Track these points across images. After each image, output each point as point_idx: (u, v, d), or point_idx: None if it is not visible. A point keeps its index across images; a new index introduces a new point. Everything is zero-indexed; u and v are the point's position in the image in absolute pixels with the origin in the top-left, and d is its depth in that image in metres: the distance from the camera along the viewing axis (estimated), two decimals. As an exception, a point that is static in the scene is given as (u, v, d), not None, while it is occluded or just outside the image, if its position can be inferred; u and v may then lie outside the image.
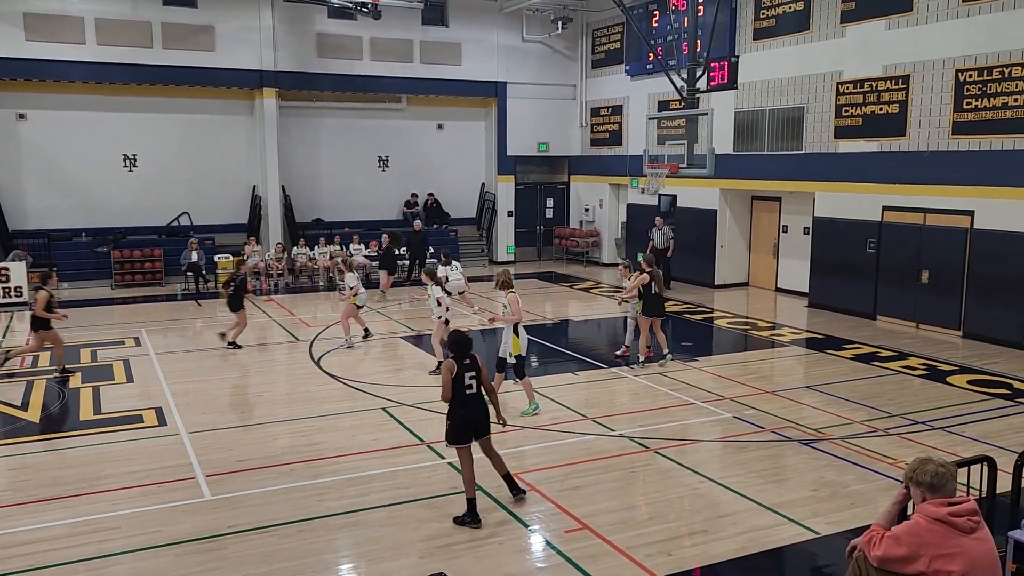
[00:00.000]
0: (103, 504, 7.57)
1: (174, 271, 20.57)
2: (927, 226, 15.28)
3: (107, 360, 13.12)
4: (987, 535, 4.19)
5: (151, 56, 20.63)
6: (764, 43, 18.65)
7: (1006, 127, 13.81)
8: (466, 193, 25.65)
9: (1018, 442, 8.91)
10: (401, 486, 8.03)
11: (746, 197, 20.46)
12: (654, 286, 12.45)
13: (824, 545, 6.79)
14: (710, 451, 9.13)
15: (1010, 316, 13.86)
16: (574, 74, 25.65)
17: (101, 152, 21.16)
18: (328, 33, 22.49)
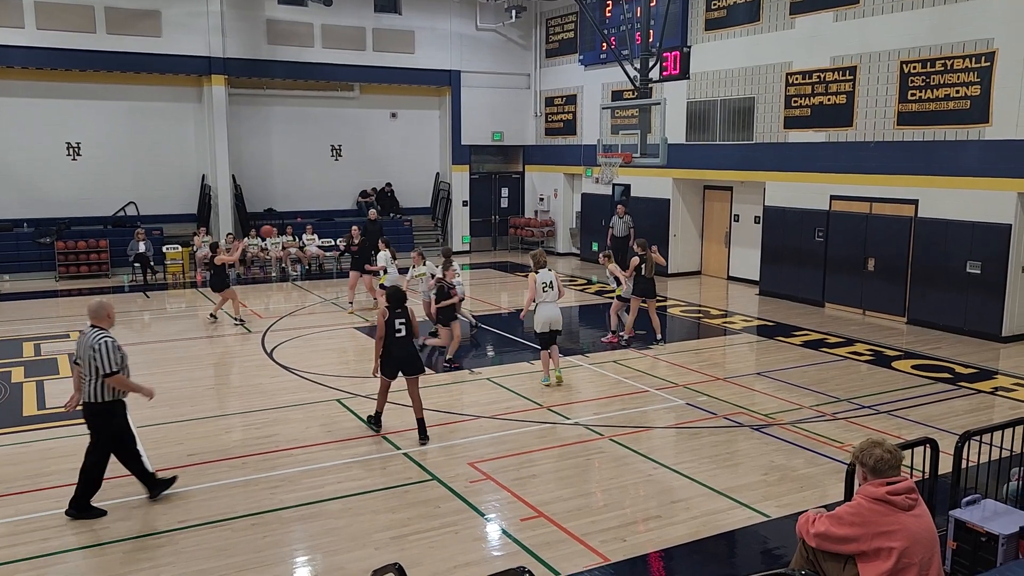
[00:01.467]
0: (47, 501, 7.39)
1: (121, 262, 20.11)
2: (873, 215, 15.63)
3: (51, 353, 12.78)
4: (925, 511, 4.32)
5: (94, 41, 20.05)
6: (715, 34, 18.84)
7: (948, 118, 14.16)
8: (420, 183, 25.51)
9: (959, 425, 9.18)
10: (356, 477, 7.99)
11: (698, 187, 20.69)
12: (644, 268, 13.11)
13: (774, 528, 6.93)
14: (664, 438, 9.24)
15: (952, 303, 14.26)
16: (528, 63, 25.62)
17: (43, 140, 20.55)
18: (278, 19, 22.12)
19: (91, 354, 6.90)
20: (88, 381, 6.96)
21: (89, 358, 6.91)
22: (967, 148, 13.90)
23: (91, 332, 7.04)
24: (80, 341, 7.08)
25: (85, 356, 6.94)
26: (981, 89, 13.59)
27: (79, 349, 7.05)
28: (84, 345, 6.99)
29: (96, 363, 6.89)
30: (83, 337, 7.05)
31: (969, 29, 13.73)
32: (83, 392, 7.03)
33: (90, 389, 6.98)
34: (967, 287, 14.00)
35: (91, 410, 7.08)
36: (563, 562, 6.31)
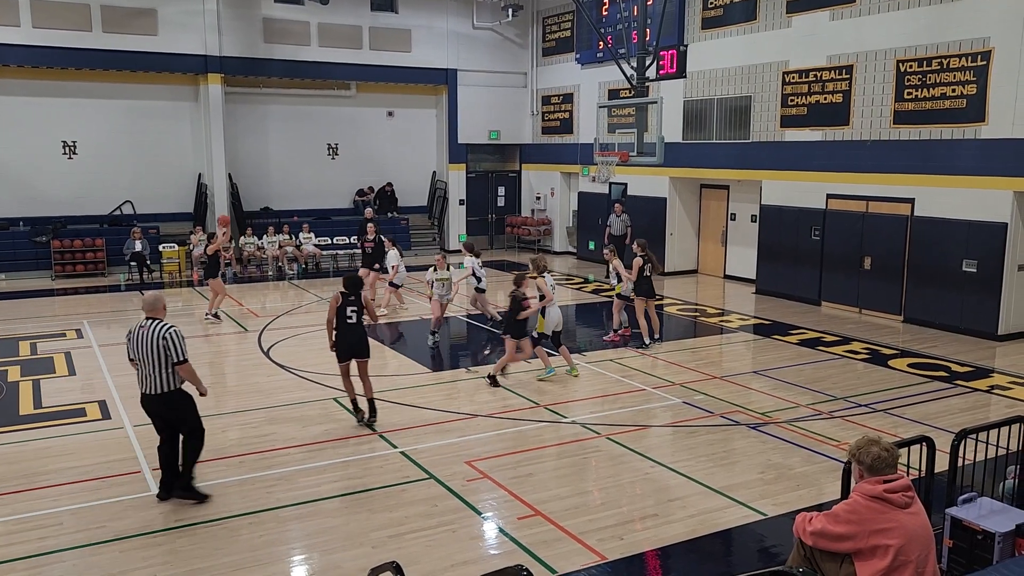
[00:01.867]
0: (43, 501, 7.37)
1: (117, 261, 20.07)
2: (869, 214, 15.65)
3: (48, 353, 12.76)
4: (920, 509, 4.33)
5: (90, 40, 20.01)
6: (712, 32, 18.85)
7: (944, 116, 14.18)
8: (417, 181, 25.49)
9: (955, 423, 9.21)
10: (353, 476, 7.98)
11: (695, 185, 20.70)
12: (647, 268, 13.16)
13: (771, 526, 6.94)
14: (661, 436, 9.24)
15: (948, 301, 14.29)
16: (525, 62, 25.61)
17: (39, 139, 20.49)
18: (274, 18, 22.08)
19: (162, 344, 7.01)
20: (157, 372, 7.05)
21: (160, 348, 7.01)
22: (963, 147, 13.92)
23: (153, 324, 7.11)
24: (137, 336, 7.10)
25: (151, 347, 7.00)
26: (977, 88, 13.61)
27: (137, 344, 7.07)
28: (148, 337, 7.04)
29: (169, 351, 7.04)
30: (141, 331, 7.09)
31: (965, 28, 13.75)
32: (148, 385, 7.10)
33: (161, 379, 7.08)
34: (963, 286, 14.02)
35: (167, 400, 7.17)
36: (560, 560, 6.31)
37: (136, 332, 7.16)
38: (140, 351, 7.08)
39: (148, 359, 7.05)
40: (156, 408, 7.23)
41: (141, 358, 7.09)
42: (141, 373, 7.14)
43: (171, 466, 7.36)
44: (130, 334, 7.21)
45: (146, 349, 7.04)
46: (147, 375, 7.09)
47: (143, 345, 7.06)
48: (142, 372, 7.13)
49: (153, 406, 7.22)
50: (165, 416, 7.28)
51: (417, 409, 10.04)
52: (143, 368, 7.10)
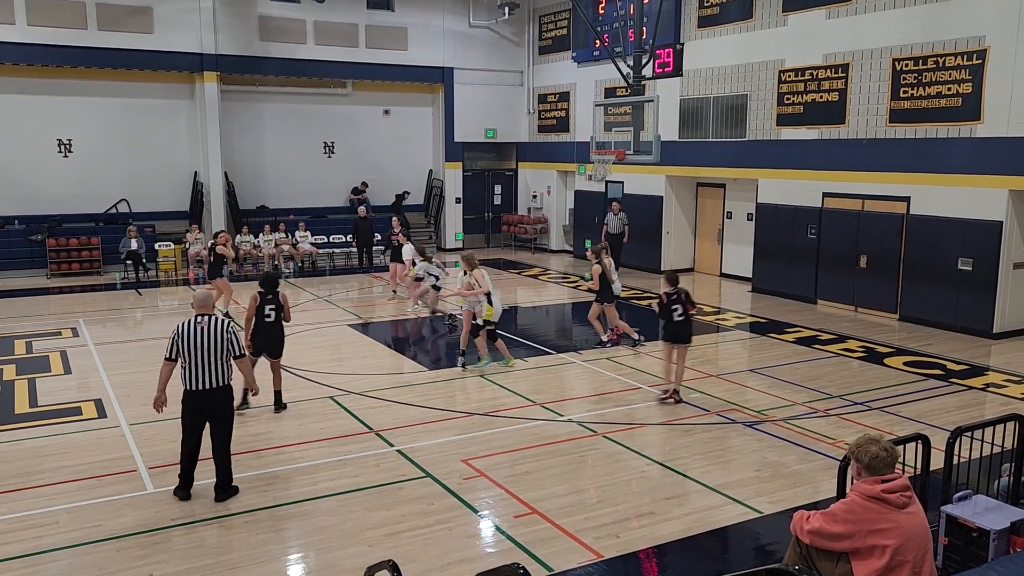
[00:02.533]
0: (39, 499, 7.36)
1: (112, 259, 20.01)
2: (865, 212, 15.67)
3: (43, 351, 12.73)
4: (919, 509, 4.34)
5: (85, 38, 19.95)
6: (708, 31, 18.86)
7: (940, 115, 14.21)
8: (413, 180, 25.45)
9: (951, 421, 9.23)
10: (350, 475, 7.98)
11: (691, 184, 20.72)
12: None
13: (767, 524, 6.95)
14: (657, 434, 9.26)
15: (944, 299, 14.32)
16: (521, 60, 25.60)
17: (34, 137, 20.43)
18: (271, 16, 22.04)
19: (227, 338, 7.16)
20: (215, 366, 7.12)
21: (225, 342, 7.14)
22: (959, 145, 13.96)
23: (210, 319, 7.18)
24: (193, 331, 7.11)
25: (214, 341, 7.09)
26: (973, 87, 13.64)
27: (192, 338, 7.08)
28: (209, 332, 7.11)
29: (232, 346, 7.20)
30: (197, 326, 7.12)
31: (961, 27, 13.77)
32: (203, 380, 7.10)
33: (218, 374, 7.16)
34: (958, 284, 14.06)
35: (221, 394, 7.24)
36: (557, 558, 6.32)
37: (191, 328, 7.13)
38: (196, 345, 7.07)
39: (207, 353, 7.08)
40: (208, 404, 7.20)
41: (197, 353, 7.07)
42: (193, 369, 7.10)
43: (195, 464, 7.37)
44: (180, 330, 7.14)
45: (205, 343, 7.07)
46: (203, 370, 7.09)
47: (201, 339, 7.07)
48: (195, 367, 7.09)
49: (205, 401, 7.18)
50: (214, 411, 7.25)
51: (413, 407, 10.04)
52: (198, 363, 7.08)
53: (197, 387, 7.13)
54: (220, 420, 7.32)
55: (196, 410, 7.23)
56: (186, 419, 7.29)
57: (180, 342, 7.13)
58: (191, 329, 7.15)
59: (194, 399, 7.20)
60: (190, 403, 7.23)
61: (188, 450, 7.32)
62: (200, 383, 7.12)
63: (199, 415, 7.24)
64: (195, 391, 7.15)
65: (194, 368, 7.11)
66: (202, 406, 7.21)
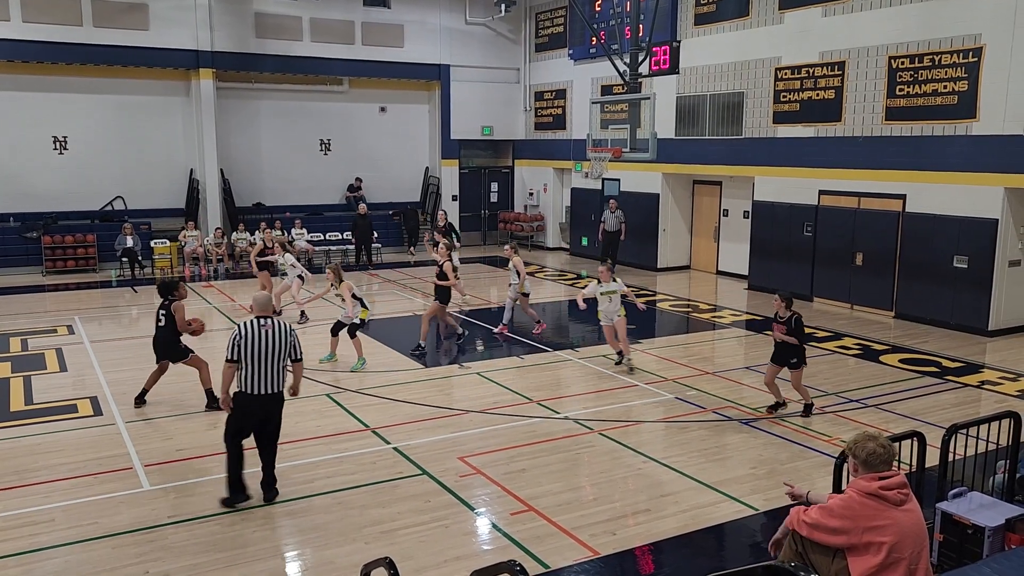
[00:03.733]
0: (35, 497, 7.35)
1: (108, 257, 19.98)
2: (861, 210, 15.69)
3: (39, 349, 12.70)
4: (915, 506, 4.35)
5: (81, 35, 19.88)
6: (705, 28, 18.85)
7: (936, 113, 14.23)
8: (410, 177, 25.44)
9: (946, 418, 9.25)
10: (346, 472, 7.98)
11: (688, 181, 20.73)
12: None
13: (762, 521, 6.97)
14: (653, 432, 9.27)
15: (939, 297, 14.35)
16: (518, 58, 25.58)
17: (29, 134, 20.37)
18: (267, 13, 21.99)
19: (290, 341, 7.03)
20: (277, 370, 6.95)
21: (288, 345, 7.02)
22: (954, 143, 13.98)
23: (275, 322, 7.02)
24: (258, 334, 6.88)
25: (279, 345, 6.93)
26: (968, 84, 13.66)
27: (257, 342, 6.86)
28: (274, 335, 6.93)
29: (294, 348, 7.11)
30: (262, 330, 6.91)
31: (957, 25, 13.79)
32: (265, 384, 6.90)
33: (279, 377, 7.00)
34: (954, 281, 14.08)
35: (279, 399, 7.10)
36: (553, 556, 6.32)
37: (255, 331, 6.90)
38: (262, 349, 6.85)
39: (271, 357, 6.88)
40: (267, 408, 7.02)
41: (261, 356, 6.85)
42: (254, 372, 6.87)
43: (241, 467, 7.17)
44: (244, 334, 6.88)
45: (271, 347, 6.88)
46: (265, 374, 6.88)
47: (267, 343, 6.88)
48: (256, 371, 6.87)
49: (266, 406, 6.99)
50: (271, 416, 7.10)
51: (410, 405, 10.04)
52: (260, 367, 6.87)
53: (256, 391, 6.90)
54: (274, 424, 7.17)
55: (250, 415, 7.02)
56: (237, 423, 7.05)
57: (243, 344, 6.84)
58: (255, 331, 6.88)
59: (251, 403, 6.96)
60: (246, 407, 6.99)
61: (237, 453, 7.09)
62: (260, 387, 6.89)
63: (252, 419, 7.05)
64: (253, 395, 6.91)
65: (255, 372, 6.86)
66: (258, 411, 7.00)
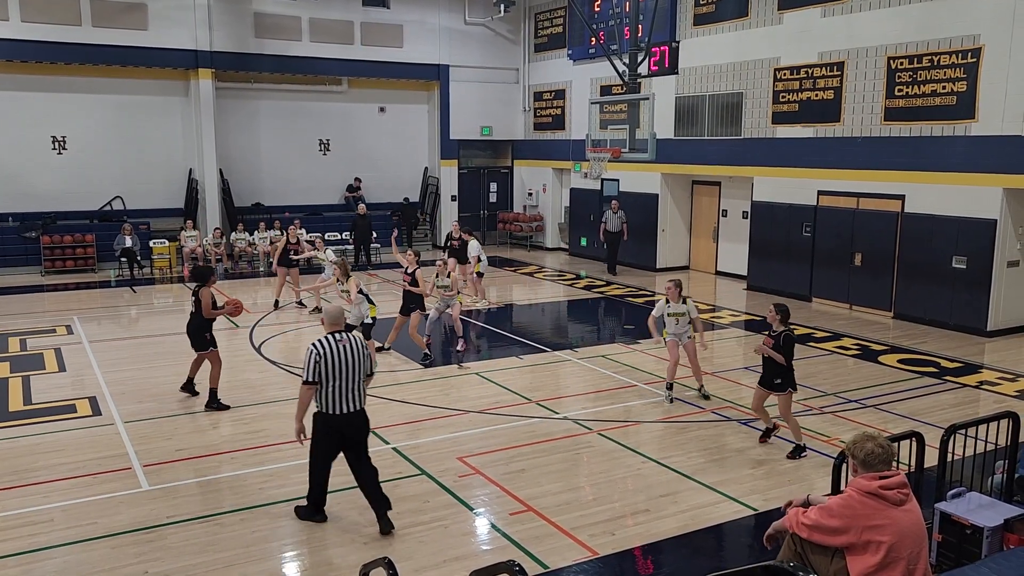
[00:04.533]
0: (34, 497, 7.35)
1: (107, 257, 19.98)
2: (860, 210, 15.70)
3: (37, 349, 12.70)
4: (915, 506, 4.35)
5: (80, 34, 19.88)
6: (704, 29, 18.86)
7: (935, 113, 14.24)
8: (409, 177, 25.45)
9: (945, 418, 9.26)
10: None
11: (687, 182, 20.74)
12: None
13: (762, 521, 6.96)
14: (652, 432, 9.27)
15: (938, 297, 14.36)
16: (517, 58, 25.58)
17: (28, 134, 20.36)
18: (266, 13, 21.99)
19: (367, 355, 6.69)
20: (359, 386, 6.61)
21: (366, 360, 6.67)
22: (953, 144, 13.99)
23: (349, 337, 6.63)
24: (338, 351, 6.51)
25: (358, 361, 6.57)
26: (967, 85, 13.67)
27: (338, 359, 6.49)
28: (352, 351, 6.56)
29: (370, 363, 6.77)
30: (340, 346, 6.54)
31: (955, 25, 13.80)
32: (350, 402, 6.54)
33: (362, 394, 6.66)
34: (953, 282, 14.09)
35: (365, 415, 6.74)
36: (552, 556, 6.33)
37: (334, 348, 6.51)
38: (343, 366, 6.49)
39: (353, 374, 6.54)
40: (355, 426, 6.65)
41: (342, 374, 6.49)
42: (335, 391, 6.50)
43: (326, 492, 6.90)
44: (324, 352, 6.48)
45: (350, 363, 6.52)
46: (348, 391, 6.53)
47: (346, 360, 6.51)
48: (338, 390, 6.50)
49: (353, 423, 6.62)
50: (358, 435, 6.71)
51: (409, 405, 10.05)
52: (342, 385, 6.50)
53: (339, 411, 6.52)
54: (362, 444, 6.77)
55: (336, 436, 6.62)
56: (323, 446, 6.68)
57: (324, 363, 6.45)
58: (335, 348, 6.51)
59: (336, 424, 6.56)
60: (330, 429, 6.59)
61: (323, 480, 6.79)
62: (343, 406, 6.51)
63: (338, 441, 6.66)
64: (336, 415, 6.52)
65: (337, 391, 6.49)
66: (343, 431, 6.61)
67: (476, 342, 13.43)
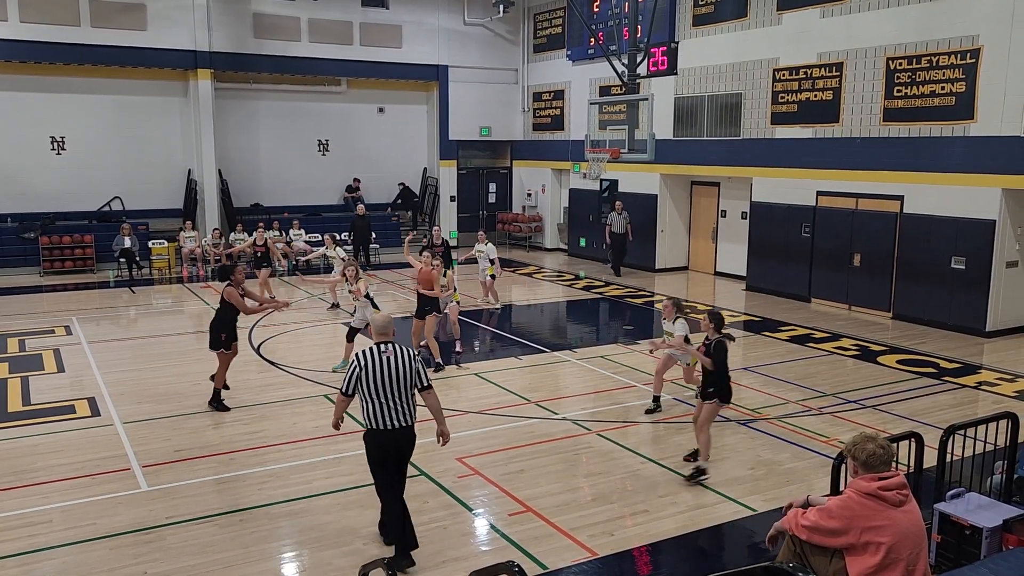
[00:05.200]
0: (33, 498, 7.34)
1: (106, 257, 19.96)
2: (859, 211, 15.71)
3: (36, 349, 12.69)
4: (914, 507, 4.35)
5: (79, 35, 19.87)
6: (703, 29, 18.87)
7: (934, 114, 14.25)
8: (408, 177, 25.44)
9: (944, 419, 9.26)
10: (344, 473, 7.97)
11: (686, 182, 20.74)
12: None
13: (761, 522, 6.95)
14: (650, 432, 9.27)
15: (937, 298, 14.36)
16: (516, 58, 25.58)
17: (27, 135, 20.36)
18: (265, 13, 21.98)
19: (415, 368, 6.18)
20: (406, 401, 6.16)
21: (413, 373, 6.16)
22: (952, 144, 14.00)
23: (397, 348, 6.20)
24: (382, 363, 6.08)
25: (405, 373, 6.12)
26: (966, 86, 13.68)
27: (382, 372, 6.07)
28: (399, 363, 6.12)
29: (420, 376, 6.23)
30: (384, 357, 6.11)
31: (954, 26, 13.81)
32: (396, 417, 6.11)
33: (410, 409, 6.20)
34: (952, 282, 14.10)
35: (413, 432, 6.29)
36: (551, 556, 6.33)
37: (377, 359, 6.11)
38: (388, 379, 6.08)
39: (399, 388, 6.11)
40: (402, 444, 6.23)
41: (385, 388, 6.07)
42: (379, 406, 6.09)
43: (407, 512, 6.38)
44: (364, 364, 6.09)
45: (397, 376, 6.09)
46: (394, 406, 6.11)
47: (393, 372, 6.09)
48: (382, 404, 6.09)
49: (400, 442, 6.21)
50: (404, 454, 6.31)
51: (408, 406, 10.03)
52: (385, 399, 6.09)
53: (385, 425, 6.12)
54: (404, 463, 6.38)
55: (386, 451, 6.24)
56: (379, 465, 6.30)
57: (364, 376, 6.09)
58: (376, 360, 6.11)
59: (382, 439, 6.18)
60: (378, 444, 6.23)
61: (395, 495, 6.33)
62: (389, 421, 6.11)
63: (389, 455, 6.26)
64: (383, 430, 6.14)
65: (381, 405, 6.10)
66: (389, 447, 6.21)
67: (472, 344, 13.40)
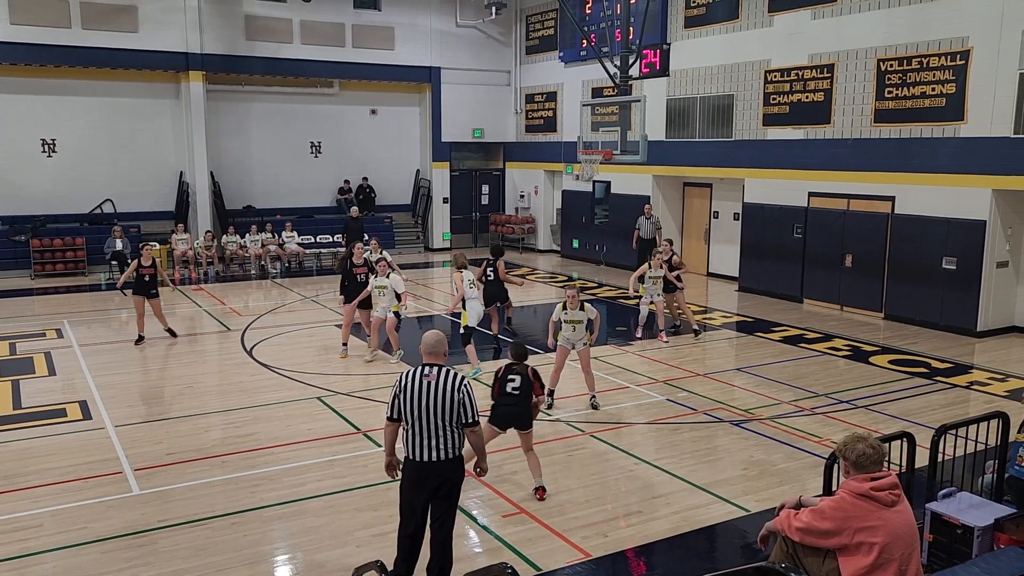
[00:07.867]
0: (24, 502, 7.30)
1: (97, 260, 19.88)
2: (850, 211, 15.76)
3: (27, 352, 12.62)
4: (907, 507, 4.37)
5: (69, 37, 19.79)
6: (695, 31, 18.91)
7: (924, 115, 14.31)
8: (401, 179, 25.43)
9: (935, 419, 9.29)
10: (337, 475, 7.96)
11: (678, 183, 20.78)
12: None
13: (754, 522, 6.96)
14: (644, 433, 9.28)
15: (928, 298, 14.42)
16: (508, 60, 25.60)
17: (16, 137, 20.26)
18: (256, 15, 21.95)
19: (458, 399, 5.44)
20: (443, 432, 5.46)
21: (455, 403, 5.45)
22: (943, 145, 14.06)
23: (442, 372, 5.52)
24: (420, 386, 5.46)
25: (443, 401, 5.43)
26: (956, 87, 13.75)
27: (418, 396, 5.45)
28: (439, 389, 5.45)
29: (464, 409, 5.48)
30: (424, 380, 5.47)
31: (944, 27, 13.88)
32: (427, 449, 5.47)
33: (447, 442, 5.48)
34: (943, 283, 14.16)
35: (450, 468, 5.54)
36: (545, 558, 6.32)
37: (416, 383, 5.48)
38: (424, 406, 5.43)
39: (434, 416, 5.43)
40: (432, 479, 5.52)
41: (420, 413, 5.44)
42: (415, 433, 5.48)
43: (417, 553, 5.74)
44: (403, 386, 5.51)
45: (434, 404, 5.42)
46: (429, 436, 5.45)
47: (426, 398, 5.43)
48: (418, 432, 5.47)
49: (429, 477, 5.52)
50: (437, 491, 5.57)
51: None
52: (421, 427, 5.45)
53: (419, 457, 5.49)
54: (445, 500, 5.63)
55: (416, 485, 5.57)
56: (405, 495, 5.68)
57: (401, 399, 5.51)
58: (415, 383, 5.48)
59: (413, 472, 5.56)
60: (408, 477, 5.62)
61: (408, 533, 5.69)
62: (423, 452, 5.47)
63: (420, 491, 5.57)
64: (417, 461, 5.51)
65: (416, 433, 5.48)
66: (424, 481, 5.55)
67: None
